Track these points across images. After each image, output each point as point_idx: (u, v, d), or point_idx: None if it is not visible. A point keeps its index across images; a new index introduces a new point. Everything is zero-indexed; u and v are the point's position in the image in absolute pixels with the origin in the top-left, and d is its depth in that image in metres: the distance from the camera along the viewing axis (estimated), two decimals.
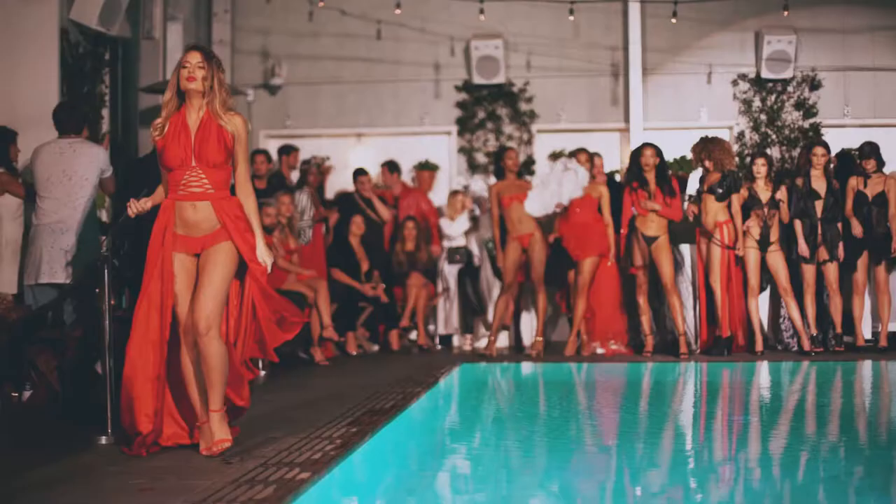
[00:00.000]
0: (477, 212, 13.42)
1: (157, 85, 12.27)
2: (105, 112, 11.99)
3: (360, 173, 13.40)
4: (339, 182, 14.46)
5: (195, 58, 6.57)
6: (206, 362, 6.36)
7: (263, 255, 6.61)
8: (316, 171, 13.45)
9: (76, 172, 8.77)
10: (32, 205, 9.31)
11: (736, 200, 11.68)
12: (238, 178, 6.67)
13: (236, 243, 6.48)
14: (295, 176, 13.54)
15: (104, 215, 10.95)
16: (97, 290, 7.15)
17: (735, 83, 14.58)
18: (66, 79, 11.20)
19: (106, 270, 7.05)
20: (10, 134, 9.75)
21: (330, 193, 14.16)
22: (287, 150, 13.64)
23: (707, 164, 11.76)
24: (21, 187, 9.49)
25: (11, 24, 11.12)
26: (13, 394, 8.75)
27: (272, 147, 14.69)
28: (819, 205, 11.91)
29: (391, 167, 13.93)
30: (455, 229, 13.12)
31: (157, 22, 13.01)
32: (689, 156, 12.34)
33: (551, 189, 11.75)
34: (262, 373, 10.40)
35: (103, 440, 6.90)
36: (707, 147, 11.79)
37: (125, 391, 6.49)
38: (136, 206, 6.55)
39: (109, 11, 11.34)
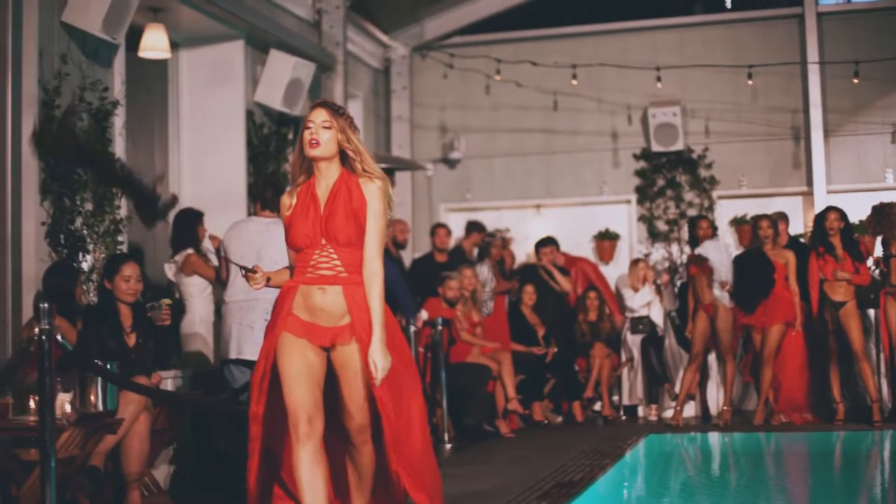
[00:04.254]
0: (659, 281, 13.29)
1: None
2: None
3: (541, 245, 13.43)
4: (519, 254, 14.50)
5: (320, 116, 5.55)
6: (362, 470, 5.61)
7: (375, 356, 5.37)
8: (500, 245, 13.49)
9: (268, 253, 8.84)
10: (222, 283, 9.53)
11: None
12: (365, 252, 5.51)
13: (360, 344, 5.43)
14: (475, 250, 13.61)
15: None
16: None
17: None
18: (251, 159, 11.48)
19: None
20: (197, 214, 9.97)
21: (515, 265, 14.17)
22: (479, 228, 13.70)
23: (884, 236, 11.49)
24: (210, 270, 9.66)
25: (201, 107, 11.48)
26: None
27: (452, 221, 14.82)
28: None
29: (546, 242, 13.82)
30: (637, 301, 12.99)
31: (337, 100, 13.23)
32: None
33: (721, 275, 11.63)
34: (449, 446, 10.48)
35: None
36: (880, 221, 11.48)
37: None
38: (253, 282, 5.64)
39: (293, 92, 11.62)
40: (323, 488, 5.35)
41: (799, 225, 14.07)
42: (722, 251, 11.71)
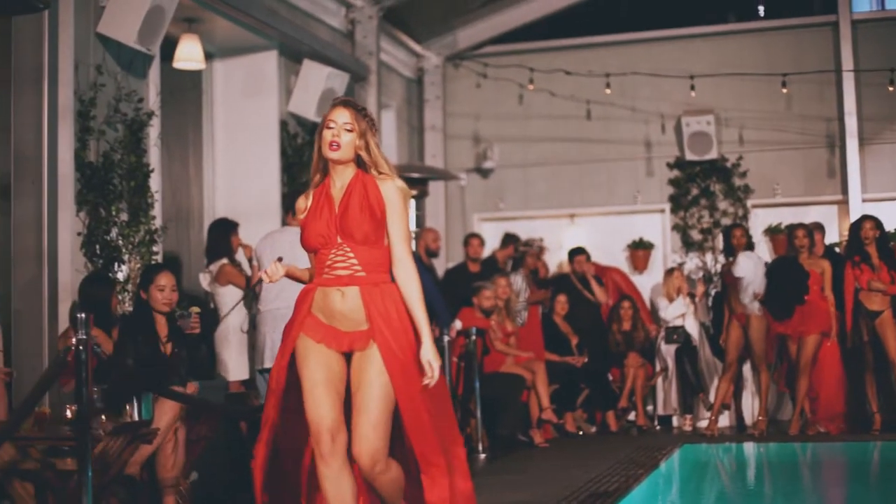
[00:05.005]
0: (694, 292, 13.20)
1: None
2: None
3: (575, 253, 13.42)
4: (552, 263, 14.49)
5: (343, 117, 5.28)
6: (383, 494, 5.19)
7: (429, 355, 5.14)
8: (536, 254, 13.49)
9: (299, 261, 8.91)
10: (250, 292, 9.56)
11: None
12: (394, 255, 5.28)
13: (380, 349, 5.13)
14: (509, 262, 13.58)
15: None
16: None
17: None
18: (285, 169, 11.51)
19: None
20: (231, 225, 10.01)
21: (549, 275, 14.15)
22: (515, 241, 13.68)
23: None
24: (244, 279, 9.71)
25: (235, 117, 11.53)
26: None
27: (486, 230, 14.81)
28: None
29: (580, 251, 13.81)
30: (671, 313, 12.93)
31: (371, 110, 13.27)
32: None
33: (755, 286, 11.55)
34: (483, 456, 10.47)
35: None
36: None
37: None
38: (269, 272, 5.41)
39: (326, 102, 11.63)
40: (353, 500, 5.13)
41: (834, 234, 13.98)
42: (756, 264, 11.62)
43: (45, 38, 8.43)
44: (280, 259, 5.52)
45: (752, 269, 11.53)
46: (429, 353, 5.12)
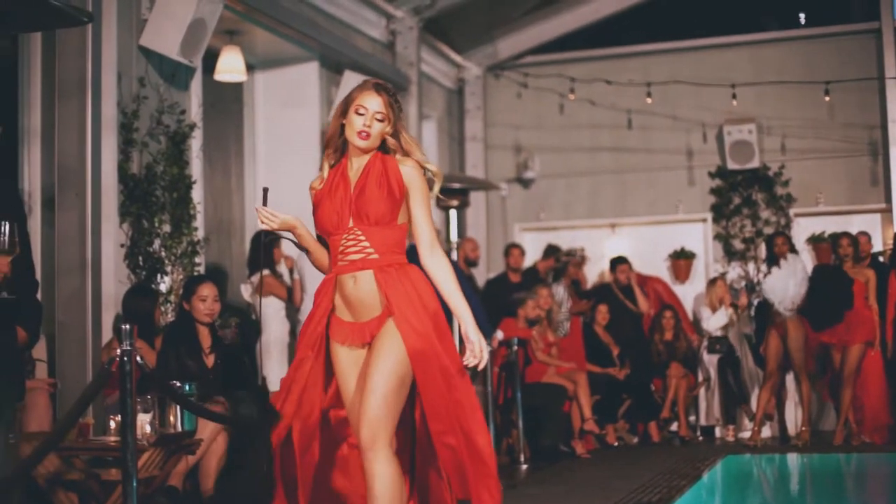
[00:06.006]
0: (737, 303, 13.10)
1: None
2: None
3: (617, 262, 13.37)
4: (593, 273, 14.46)
5: (375, 104, 5.02)
6: (371, 487, 4.81)
7: (474, 335, 4.88)
8: (578, 263, 13.46)
9: None
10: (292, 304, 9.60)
11: None
12: (421, 238, 5.05)
13: (398, 326, 4.89)
14: (551, 274, 13.56)
15: None
16: None
17: None
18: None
19: None
20: (274, 237, 10.04)
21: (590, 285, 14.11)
22: (556, 252, 13.66)
23: None
24: (284, 290, 9.76)
25: (276, 128, 11.58)
26: None
27: (527, 240, 14.80)
28: None
29: (623, 260, 13.78)
30: (713, 324, 12.85)
31: (412, 120, 13.28)
32: None
33: (785, 304, 11.48)
34: (524, 467, 10.45)
35: None
36: None
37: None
38: (264, 217, 5.24)
39: None
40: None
41: (878, 243, 13.86)
42: (787, 277, 11.51)
43: (89, 51, 8.48)
44: (265, 190, 5.29)
45: (781, 286, 11.43)
46: (474, 333, 4.89)
